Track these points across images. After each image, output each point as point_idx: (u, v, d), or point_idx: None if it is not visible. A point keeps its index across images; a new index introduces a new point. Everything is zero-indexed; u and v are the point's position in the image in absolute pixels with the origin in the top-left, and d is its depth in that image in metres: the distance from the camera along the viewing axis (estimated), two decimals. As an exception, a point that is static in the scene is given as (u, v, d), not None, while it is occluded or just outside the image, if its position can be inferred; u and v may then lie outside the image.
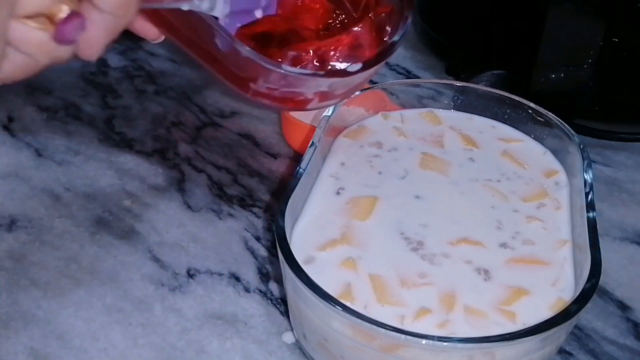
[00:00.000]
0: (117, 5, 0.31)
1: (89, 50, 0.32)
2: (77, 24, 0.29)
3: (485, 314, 0.41)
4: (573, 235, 0.47)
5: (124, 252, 0.55)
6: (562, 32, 0.62)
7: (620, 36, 0.64)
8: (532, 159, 0.53)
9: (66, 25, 0.28)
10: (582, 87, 0.65)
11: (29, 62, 0.30)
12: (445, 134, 0.56)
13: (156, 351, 0.47)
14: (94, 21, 0.31)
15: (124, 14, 0.32)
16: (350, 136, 0.55)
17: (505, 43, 0.69)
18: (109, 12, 0.31)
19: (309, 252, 0.45)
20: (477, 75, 0.66)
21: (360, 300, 0.42)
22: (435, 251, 0.45)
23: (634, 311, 0.51)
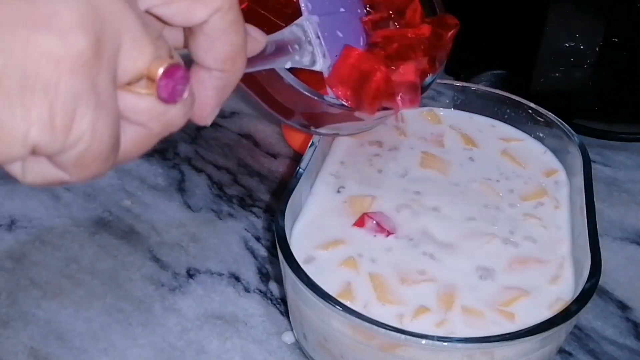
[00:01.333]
0: (223, 59, 0.30)
1: (202, 113, 0.31)
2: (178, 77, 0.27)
3: (483, 313, 0.41)
4: (573, 234, 0.47)
5: (124, 252, 0.55)
6: (562, 32, 0.62)
7: (620, 36, 0.64)
8: (532, 158, 0.53)
9: (167, 80, 0.27)
10: (582, 87, 0.65)
11: (144, 133, 0.28)
12: (445, 133, 0.56)
13: (156, 351, 0.47)
14: (202, 81, 0.30)
15: (232, 68, 0.30)
16: None
17: (505, 43, 0.69)
18: (216, 69, 0.30)
19: (309, 251, 0.45)
20: (477, 75, 0.66)
21: (360, 299, 0.42)
22: (435, 250, 0.45)
23: (634, 311, 0.51)
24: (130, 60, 0.26)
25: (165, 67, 0.26)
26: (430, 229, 0.47)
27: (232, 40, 0.30)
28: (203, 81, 0.30)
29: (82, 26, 0.24)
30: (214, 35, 0.29)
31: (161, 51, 0.27)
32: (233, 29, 0.30)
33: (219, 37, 0.29)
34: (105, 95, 0.25)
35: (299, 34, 0.40)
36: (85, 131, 0.24)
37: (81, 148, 0.25)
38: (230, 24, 0.29)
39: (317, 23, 0.41)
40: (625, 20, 0.64)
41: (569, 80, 0.65)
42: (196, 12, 0.28)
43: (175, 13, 0.28)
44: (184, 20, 0.29)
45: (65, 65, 0.23)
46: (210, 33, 0.29)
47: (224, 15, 0.29)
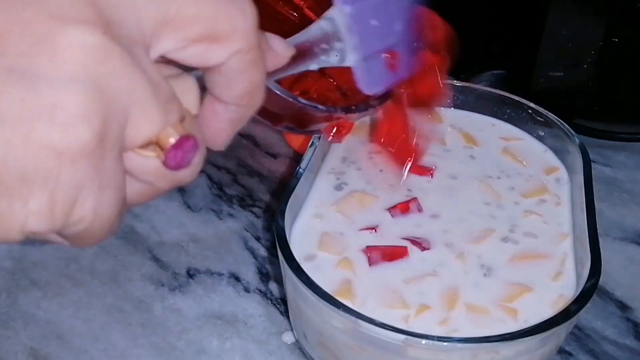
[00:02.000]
0: (241, 96, 0.28)
1: (215, 141, 0.30)
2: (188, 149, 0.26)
3: (487, 310, 0.41)
4: (574, 231, 0.47)
5: (124, 252, 0.55)
6: (562, 32, 0.62)
7: (620, 36, 0.64)
8: (533, 156, 0.53)
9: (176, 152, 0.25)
10: (582, 87, 0.65)
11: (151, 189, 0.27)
12: (446, 132, 0.56)
13: (156, 351, 0.47)
14: (217, 114, 0.29)
15: (249, 103, 0.29)
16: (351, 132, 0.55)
17: (505, 43, 0.69)
18: (233, 103, 0.29)
19: (309, 250, 0.45)
20: (477, 75, 0.66)
21: (360, 298, 0.42)
22: (437, 247, 0.45)
23: (634, 311, 0.51)
24: (138, 130, 0.24)
25: (175, 139, 0.25)
26: (431, 226, 0.47)
27: (249, 79, 0.28)
28: (217, 113, 0.29)
29: (87, 116, 0.22)
30: (231, 76, 0.28)
31: (172, 116, 0.25)
32: (252, 68, 0.28)
33: (237, 77, 0.28)
34: (111, 173, 0.24)
35: (328, 29, 0.37)
36: (86, 214, 0.24)
37: (81, 228, 0.24)
38: (249, 64, 0.28)
39: (350, 14, 0.37)
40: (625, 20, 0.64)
41: (569, 80, 0.65)
42: (213, 55, 0.27)
43: (191, 57, 0.27)
44: (201, 63, 0.27)
45: (67, 157, 0.22)
46: (227, 73, 0.28)
47: (243, 56, 0.27)
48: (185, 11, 0.25)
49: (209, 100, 0.29)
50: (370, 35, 0.39)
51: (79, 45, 0.22)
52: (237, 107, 0.29)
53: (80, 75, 0.22)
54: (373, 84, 0.41)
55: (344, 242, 0.46)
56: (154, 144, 0.25)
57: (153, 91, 0.24)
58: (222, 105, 0.29)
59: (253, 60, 0.28)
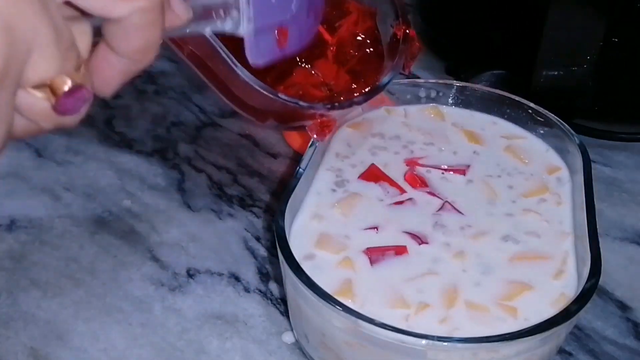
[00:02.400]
0: (136, 51, 0.30)
1: (103, 89, 0.31)
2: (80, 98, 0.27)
3: (487, 308, 0.41)
4: (575, 230, 0.47)
5: (124, 252, 0.55)
6: (562, 32, 0.62)
7: (620, 36, 0.64)
8: (535, 155, 0.53)
9: (68, 99, 0.27)
10: (582, 87, 0.65)
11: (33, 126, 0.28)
12: (448, 130, 0.56)
13: (156, 351, 0.47)
14: (110, 63, 0.30)
15: (142, 59, 0.30)
16: (352, 127, 0.55)
17: (505, 43, 0.69)
18: (127, 56, 0.30)
19: (309, 249, 0.45)
20: (477, 75, 0.66)
21: (360, 297, 0.42)
22: (437, 245, 0.45)
23: (634, 311, 0.51)
24: (35, 71, 0.25)
25: (70, 86, 0.26)
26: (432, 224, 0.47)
27: (146, 37, 0.30)
28: (110, 63, 0.30)
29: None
30: (130, 30, 0.29)
31: (69, 63, 0.26)
32: (151, 26, 0.29)
33: (135, 33, 0.29)
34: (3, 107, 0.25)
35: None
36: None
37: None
38: (150, 22, 0.29)
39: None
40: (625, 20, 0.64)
41: (569, 80, 0.65)
42: (117, 8, 0.28)
43: (95, 6, 0.28)
44: (104, 14, 0.28)
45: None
46: (126, 27, 0.29)
47: (144, 14, 0.29)
48: None
49: (103, 48, 0.30)
50: (265, 9, 0.41)
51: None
52: (129, 61, 0.30)
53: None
54: (259, 56, 0.42)
55: (344, 242, 0.46)
56: (46, 87, 0.26)
57: (56, 36, 0.25)
58: (115, 57, 0.30)
59: (153, 19, 0.29)
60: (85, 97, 0.28)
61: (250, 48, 0.41)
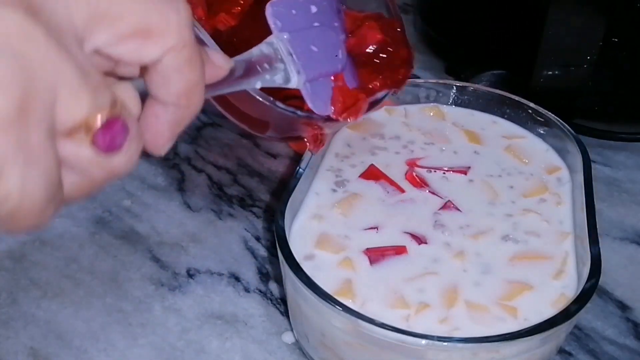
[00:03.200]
0: (178, 96, 0.29)
1: (156, 144, 0.30)
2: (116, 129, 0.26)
3: (487, 308, 0.41)
4: (575, 230, 0.47)
5: (124, 252, 0.55)
6: (562, 32, 0.62)
7: (620, 36, 0.64)
8: (535, 155, 0.54)
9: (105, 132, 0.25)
10: (582, 87, 0.65)
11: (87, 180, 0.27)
12: (448, 130, 0.56)
13: (156, 351, 0.47)
14: (156, 115, 0.29)
15: (187, 103, 0.29)
16: (353, 127, 0.55)
17: (505, 43, 0.69)
18: (172, 103, 0.29)
19: (309, 249, 0.45)
20: (477, 75, 0.66)
21: (360, 297, 0.42)
22: (437, 245, 0.45)
23: (634, 311, 0.51)
24: (67, 111, 0.24)
25: (102, 119, 0.25)
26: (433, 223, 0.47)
27: (186, 78, 0.28)
28: (157, 115, 0.29)
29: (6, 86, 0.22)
30: (167, 73, 0.28)
31: (101, 100, 0.25)
32: (188, 66, 0.28)
33: (173, 75, 0.28)
34: (38, 150, 0.24)
35: (269, 52, 0.39)
36: (12, 191, 0.23)
37: (9, 207, 0.24)
38: (185, 61, 0.28)
39: (288, 40, 0.40)
40: (625, 20, 0.64)
41: (569, 80, 0.65)
42: (147, 51, 0.27)
43: (125, 53, 0.27)
44: (135, 59, 0.28)
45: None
46: (163, 71, 0.28)
47: (177, 53, 0.28)
48: (117, 6, 0.26)
49: (149, 103, 0.29)
50: (312, 60, 0.41)
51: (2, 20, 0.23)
52: (175, 108, 0.29)
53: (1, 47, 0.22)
54: (321, 105, 0.43)
55: (344, 242, 0.46)
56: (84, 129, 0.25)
57: (81, 75, 0.24)
58: (161, 106, 0.29)
59: (188, 58, 0.28)
60: (122, 129, 0.26)
61: (310, 98, 0.42)
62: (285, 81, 0.40)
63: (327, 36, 0.44)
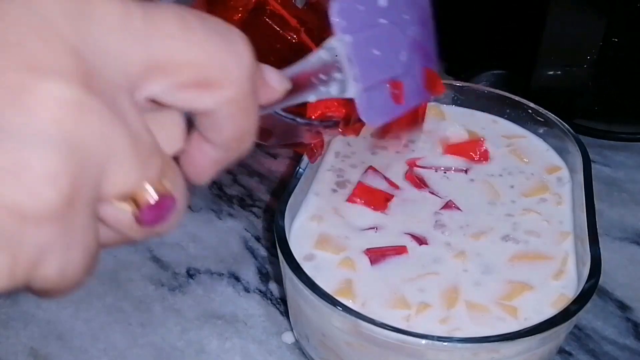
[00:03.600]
0: (231, 140, 0.27)
1: (197, 177, 0.28)
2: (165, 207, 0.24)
3: (487, 308, 0.41)
4: (575, 230, 0.47)
5: (124, 252, 0.55)
6: (562, 32, 0.62)
7: (620, 36, 0.64)
8: (535, 155, 0.53)
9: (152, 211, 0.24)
10: (582, 87, 0.65)
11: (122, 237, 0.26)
12: (449, 129, 0.56)
13: (156, 351, 0.47)
14: (204, 152, 0.27)
15: (238, 147, 0.28)
16: None
17: (505, 43, 0.69)
18: (221, 147, 0.27)
19: (309, 249, 0.45)
20: (477, 75, 0.66)
21: (361, 297, 0.42)
22: (438, 245, 0.45)
23: (634, 311, 0.51)
24: (114, 185, 0.23)
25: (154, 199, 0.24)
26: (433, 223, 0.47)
27: (240, 125, 0.27)
28: (204, 153, 0.28)
29: (55, 178, 0.21)
30: (220, 121, 0.26)
31: (151, 171, 0.23)
32: (243, 115, 0.26)
33: (227, 123, 0.26)
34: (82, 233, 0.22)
35: (328, 59, 0.34)
36: (51, 274, 0.22)
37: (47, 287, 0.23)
38: (241, 111, 0.26)
39: (351, 43, 0.35)
40: (625, 20, 0.64)
41: (569, 80, 0.65)
42: (204, 102, 0.25)
43: (179, 101, 0.25)
44: (189, 108, 0.26)
45: (31, 220, 0.21)
46: (216, 118, 0.26)
47: (234, 104, 0.26)
48: (176, 57, 0.24)
49: (197, 137, 0.27)
50: (372, 66, 0.37)
51: (54, 100, 0.21)
52: (224, 150, 0.28)
53: (52, 133, 0.20)
54: (375, 115, 0.38)
55: (345, 242, 0.46)
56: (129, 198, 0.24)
57: (133, 144, 0.23)
58: (210, 146, 0.27)
59: (245, 108, 0.27)
60: (171, 207, 0.25)
61: (364, 109, 0.37)
62: (341, 92, 0.35)
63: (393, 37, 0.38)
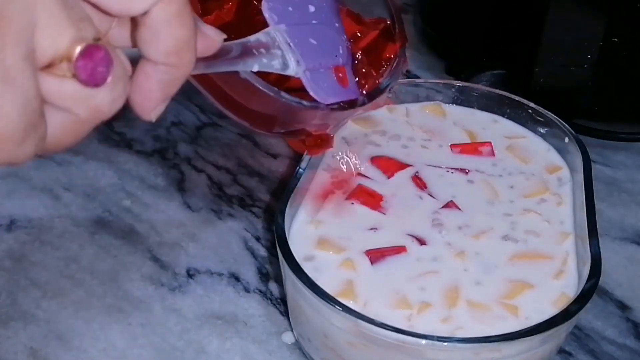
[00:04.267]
0: (168, 53, 0.28)
1: (145, 106, 0.29)
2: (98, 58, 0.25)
3: (489, 307, 0.41)
4: (576, 230, 0.47)
5: (124, 252, 0.55)
6: (562, 32, 0.62)
7: (620, 36, 0.64)
8: (536, 155, 0.53)
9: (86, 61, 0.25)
10: (582, 87, 0.65)
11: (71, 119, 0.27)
12: (449, 129, 0.56)
13: (156, 351, 0.47)
14: (146, 74, 0.29)
15: (177, 62, 0.29)
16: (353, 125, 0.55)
17: (505, 43, 0.69)
18: (161, 62, 0.28)
19: (309, 249, 0.45)
20: (477, 75, 0.66)
21: (362, 298, 0.42)
22: (438, 245, 0.45)
23: (634, 311, 0.51)
24: (47, 40, 0.24)
25: (83, 47, 0.25)
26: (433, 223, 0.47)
27: (176, 34, 0.28)
28: (147, 74, 0.29)
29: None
30: (156, 28, 0.28)
31: (84, 33, 0.25)
32: (177, 21, 0.28)
33: (162, 30, 0.28)
34: (13, 71, 0.23)
35: (266, 40, 0.39)
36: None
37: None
38: (174, 15, 0.27)
39: (286, 31, 0.40)
40: (625, 20, 0.64)
41: (569, 80, 0.65)
42: (135, 2, 0.27)
43: (113, 2, 0.27)
44: (123, 10, 0.27)
45: None
46: (152, 25, 0.27)
47: (166, 6, 0.27)
48: None
49: (140, 63, 0.29)
50: (312, 51, 0.41)
51: None
52: (165, 67, 0.29)
53: None
54: (324, 93, 0.42)
55: (345, 242, 0.46)
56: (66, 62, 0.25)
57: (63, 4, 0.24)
58: (152, 65, 0.29)
59: (177, 13, 0.28)
60: (105, 59, 0.25)
61: (311, 87, 0.42)
62: (283, 67, 0.39)
63: (326, 34, 0.43)
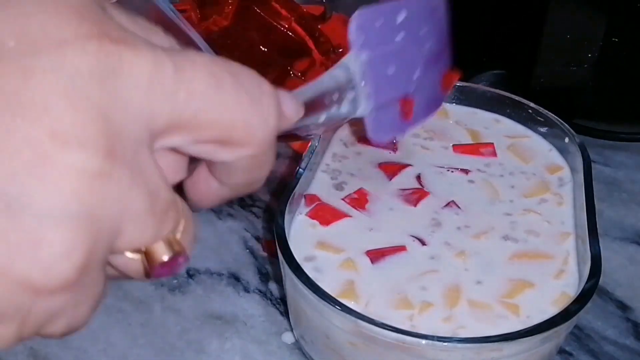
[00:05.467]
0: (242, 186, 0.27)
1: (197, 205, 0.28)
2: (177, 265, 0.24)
3: (490, 306, 0.41)
4: (576, 230, 0.47)
5: (124, 252, 0.55)
6: (563, 32, 0.62)
7: (620, 36, 0.64)
8: (537, 155, 0.53)
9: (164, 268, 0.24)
10: (582, 86, 0.65)
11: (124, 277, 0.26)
12: (451, 129, 0.56)
13: (156, 351, 0.47)
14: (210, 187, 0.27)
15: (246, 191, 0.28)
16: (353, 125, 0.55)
17: (505, 43, 0.69)
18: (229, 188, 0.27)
19: (309, 250, 0.45)
20: (477, 75, 0.66)
21: (364, 298, 0.42)
22: (438, 244, 0.45)
23: (634, 311, 0.51)
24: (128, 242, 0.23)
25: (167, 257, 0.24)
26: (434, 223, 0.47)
27: (254, 175, 0.27)
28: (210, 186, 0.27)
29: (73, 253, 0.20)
30: (235, 171, 0.26)
31: (166, 227, 0.23)
32: (258, 168, 0.26)
33: (240, 173, 0.26)
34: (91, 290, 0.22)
35: (341, 78, 0.33)
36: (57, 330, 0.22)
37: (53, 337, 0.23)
38: (256, 164, 0.26)
39: (366, 62, 0.33)
40: (625, 20, 0.64)
41: (569, 80, 0.65)
42: (222, 155, 0.25)
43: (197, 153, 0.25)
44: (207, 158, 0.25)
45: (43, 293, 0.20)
46: (232, 168, 0.26)
47: (252, 159, 0.25)
48: (201, 116, 0.23)
49: (205, 172, 0.27)
50: (385, 84, 0.35)
51: (76, 173, 0.20)
52: (231, 191, 0.28)
53: (72, 209, 0.20)
54: (382, 133, 0.37)
55: (345, 243, 0.46)
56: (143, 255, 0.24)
57: (150, 204, 0.22)
58: (217, 183, 0.27)
59: (260, 162, 0.26)
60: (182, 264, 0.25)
61: (373, 128, 0.36)
62: (350, 112, 0.34)
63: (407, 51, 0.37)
